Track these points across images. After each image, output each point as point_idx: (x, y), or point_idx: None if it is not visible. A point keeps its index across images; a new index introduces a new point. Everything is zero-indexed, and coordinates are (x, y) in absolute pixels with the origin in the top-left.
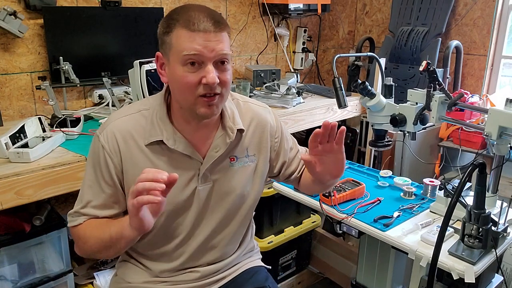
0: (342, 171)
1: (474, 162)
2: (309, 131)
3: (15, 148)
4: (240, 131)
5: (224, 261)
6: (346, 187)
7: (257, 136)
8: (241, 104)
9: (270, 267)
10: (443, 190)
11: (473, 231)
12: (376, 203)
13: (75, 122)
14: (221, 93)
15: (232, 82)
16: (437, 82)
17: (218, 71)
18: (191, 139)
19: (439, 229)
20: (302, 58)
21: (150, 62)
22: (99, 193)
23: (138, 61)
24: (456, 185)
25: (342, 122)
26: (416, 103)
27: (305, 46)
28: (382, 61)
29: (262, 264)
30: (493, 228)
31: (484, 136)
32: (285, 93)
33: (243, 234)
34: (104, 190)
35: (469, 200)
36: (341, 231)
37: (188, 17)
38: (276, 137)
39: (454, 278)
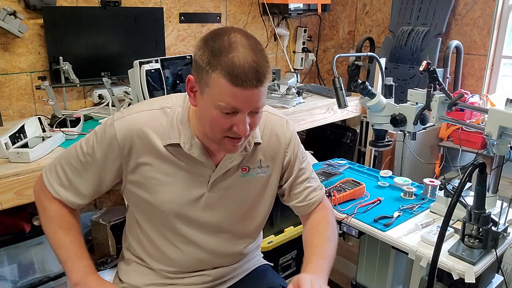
0: None
1: (474, 162)
2: (309, 131)
3: (15, 148)
4: (256, 143)
5: (233, 265)
6: (346, 187)
7: (272, 148)
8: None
9: (272, 264)
10: (443, 190)
11: (473, 231)
12: (376, 203)
13: (75, 122)
14: (248, 134)
15: None
16: (437, 82)
17: (251, 117)
18: (207, 146)
19: (439, 229)
20: (302, 58)
21: (150, 62)
22: (82, 174)
23: (138, 61)
24: (456, 185)
25: (342, 122)
26: (416, 103)
27: (305, 46)
28: (382, 61)
29: (265, 261)
30: (493, 228)
31: (484, 136)
32: (285, 93)
33: (252, 243)
34: (87, 173)
35: (469, 200)
36: (341, 231)
37: (232, 66)
38: (287, 151)
39: (454, 278)
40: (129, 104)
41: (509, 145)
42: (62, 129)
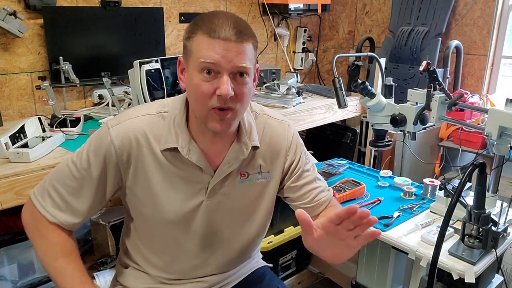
0: (339, 261)
1: (474, 162)
2: (309, 131)
3: (15, 148)
4: (255, 147)
5: (231, 271)
6: (346, 187)
7: (272, 153)
8: (259, 117)
9: (271, 265)
10: (443, 190)
11: (473, 231)
12: (376, 203)
13: (75, 122)
14: (236, 108)
15: None
16: (437, 82)
17: (235, 83)
18: (205, 150)
19: (439, 229)
20: (302, 58)
21: (150, 62)
22: (79, 191)
23: (138, 61)
24: (456, 185)
25: (342, 122)
26: (416, 103)
27: (305, 46)
28: (382, 61)
29: (265, 263)
30: (493, 228)
31: (484, 136)
32: (285, 93)
33: (251, 249)
34: (85, 190)
35: (469, 200)
36: None
37: (211, 24)
38: (288, 155)
39: (454, 278)
40: (129, 104)
41: (509, 145)
42: (62, 129)
